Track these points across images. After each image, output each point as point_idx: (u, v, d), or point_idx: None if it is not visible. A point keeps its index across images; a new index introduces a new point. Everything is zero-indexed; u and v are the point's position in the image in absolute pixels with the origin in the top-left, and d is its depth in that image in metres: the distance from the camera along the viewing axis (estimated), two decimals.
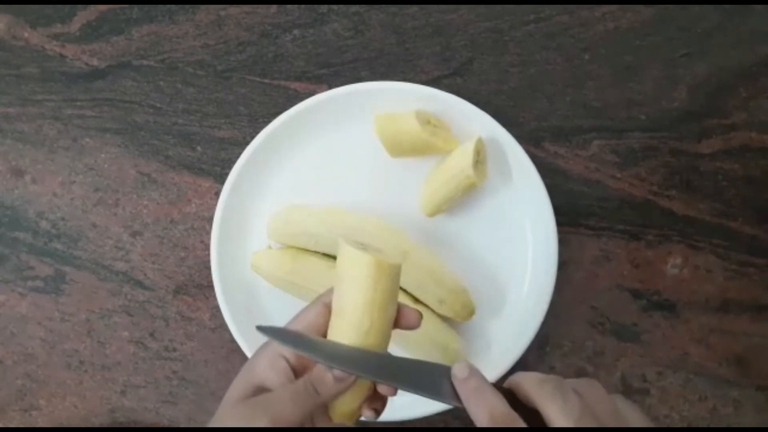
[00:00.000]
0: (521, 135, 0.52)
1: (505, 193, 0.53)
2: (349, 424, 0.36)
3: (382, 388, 0.35)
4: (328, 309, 0.36)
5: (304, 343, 0.34)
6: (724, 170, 0.55)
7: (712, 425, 0.55)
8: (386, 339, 0.35)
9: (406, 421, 0.52)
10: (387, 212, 0.53)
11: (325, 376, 0.34)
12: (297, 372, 0.35)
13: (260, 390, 0.35)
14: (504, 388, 0.33)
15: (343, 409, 0.36)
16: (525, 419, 0.31)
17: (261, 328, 0.35)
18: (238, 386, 0.36)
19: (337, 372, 0.34)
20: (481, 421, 0.31)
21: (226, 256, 0.53)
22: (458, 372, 0.33)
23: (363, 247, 0.35)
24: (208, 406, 0.57)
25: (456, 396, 0.33)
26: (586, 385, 0.32)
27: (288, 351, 0.35)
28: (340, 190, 0.54)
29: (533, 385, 0.31)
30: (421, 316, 0.37)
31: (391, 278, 0.34)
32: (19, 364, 0.58)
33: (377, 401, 0.37)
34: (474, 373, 0.33)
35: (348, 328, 0.34)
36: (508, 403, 0.32)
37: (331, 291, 0.36)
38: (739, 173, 0.54)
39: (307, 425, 0.35)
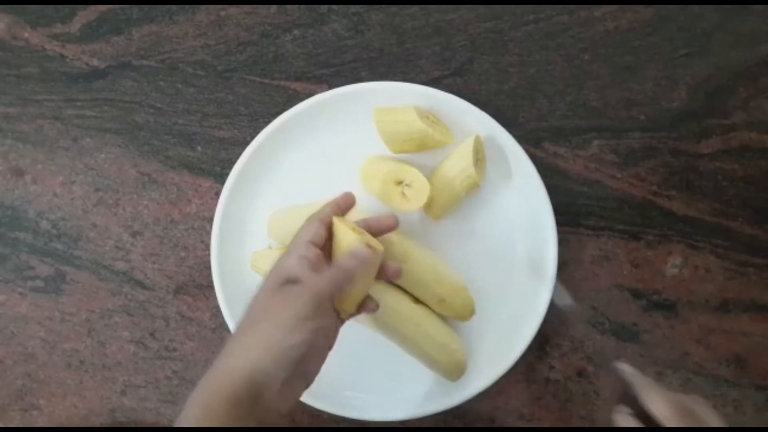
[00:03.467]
0: (521, 135, 0.52)
1: (504, 192, 0.53)
2: (354, 312, 0.43)
3: (389, 270, 0.45)
4: (325, 226, 0.43)
5: None
6: (723, 170, 0.55)
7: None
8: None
9: (406, 421, 0.52)
10: (387, 212, 0.53)
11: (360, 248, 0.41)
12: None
13: (291, 282, 0.39)
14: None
15: (353, 298, 0.42)
16: None
17: None
18: (271, 280, 0.40)
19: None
20: None
21: (226, 256, 0.53)
22: None
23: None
24: None
25: None
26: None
27: (318, 236, 0.42)
28: (340, 190, 0.54)
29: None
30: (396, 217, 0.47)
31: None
32: (20, 363, 0.58)
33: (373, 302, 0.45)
34: None
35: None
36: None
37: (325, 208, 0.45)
38: (738, 173, 0.54)
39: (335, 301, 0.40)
